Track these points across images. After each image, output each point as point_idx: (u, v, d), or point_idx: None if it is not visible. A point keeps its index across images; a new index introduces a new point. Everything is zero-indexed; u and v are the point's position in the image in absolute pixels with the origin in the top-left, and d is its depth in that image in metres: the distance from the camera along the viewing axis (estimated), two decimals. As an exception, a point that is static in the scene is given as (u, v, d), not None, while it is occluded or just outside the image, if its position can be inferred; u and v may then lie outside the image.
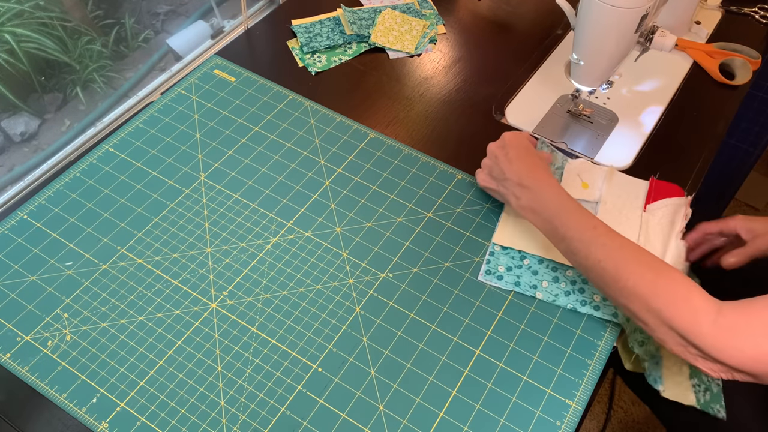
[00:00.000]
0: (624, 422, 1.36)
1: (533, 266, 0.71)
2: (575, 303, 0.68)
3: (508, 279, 0.70)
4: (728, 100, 0.91)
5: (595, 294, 0.69)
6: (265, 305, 0.70)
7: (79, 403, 0.63)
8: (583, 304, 0.68)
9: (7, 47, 0.78)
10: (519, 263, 0.71)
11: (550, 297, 0.69)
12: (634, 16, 0.69)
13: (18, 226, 0.76)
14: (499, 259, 0.72)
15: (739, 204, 1.72)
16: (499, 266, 0.71)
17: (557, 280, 0.70)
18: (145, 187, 0.80)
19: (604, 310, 0.68)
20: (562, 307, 0.69)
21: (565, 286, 0.69)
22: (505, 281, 0.70)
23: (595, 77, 0.78)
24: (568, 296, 0.69)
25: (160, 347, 0.67)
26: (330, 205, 0.78)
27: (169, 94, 0.90)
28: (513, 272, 0.71)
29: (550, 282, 0.70)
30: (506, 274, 0.71)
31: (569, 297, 0.69)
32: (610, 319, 0.67)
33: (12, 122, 0.84)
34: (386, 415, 0.62)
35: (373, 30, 0.98)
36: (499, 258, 0.72)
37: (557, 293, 0.69)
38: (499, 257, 0.72)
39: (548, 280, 0.70)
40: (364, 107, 0.90)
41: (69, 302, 0.70)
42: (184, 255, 0.74)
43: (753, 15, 1.02)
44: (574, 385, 0.64)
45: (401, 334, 0.68)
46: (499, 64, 0.96)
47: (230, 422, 0.62)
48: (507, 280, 0.70)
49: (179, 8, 1.02)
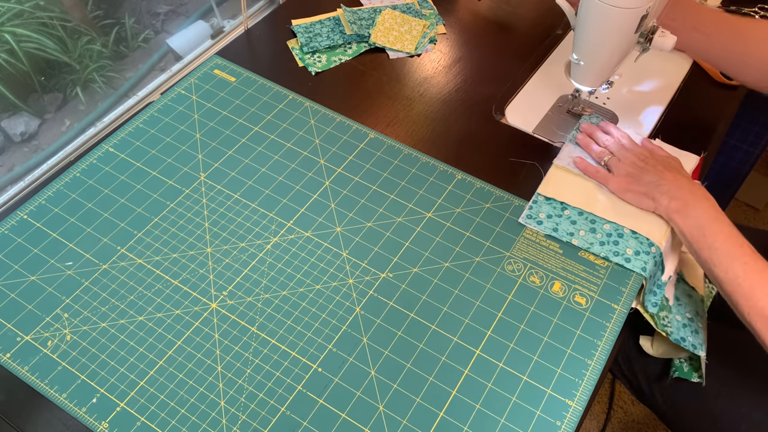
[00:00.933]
0: (624, 422, 1.36)
1: (573, 217, 0.75)
2: (608, 252, 0.72)
3: (547, 224, 0.75)
4: (728, 100, 0.91)
5: (628, 248, 0.72)
6: (265, 305, 0.70)
7: (79, 403, 0.63)
8: (615, 255, 0.72)
9: (7, 47, 0.78)
10: (560, 213, 0.76)
11: (585, 244, 0.73)
12: (634, 16, 0.69)
13: (18, 226, 0.76)
14: (541, 207, 0.77)
15: (739, 204, 1.71)
16: (540, 213, 0.76)
17: (594, 231, 0.74)
18: (145, 187, 0.80)
19: (634, 262, 0.71)
20: (596, 255, 0.73)
21: (601, 237, 0.73)
22: (544, 226, 0.75)
23: (595, 77, 0.78)
24: (602, 246, 0.73)
25: (160, 347, 0.67)
26: (330, 205, 0.78)
27: (169, 94, 0.90)
28: (552, 219, 0.75)
29: (587, 232, 0.74)
30: (546, 220, 0.75)
31: (603, 247, 0.73)
32: (639, 272, 0.71)
33: (12, 122, 0.84)
34: (386, 415, 0.62)
35: (373, 30, 0.98)
36: (541, 206, 0.77)
37: (592, 242, 0.73)
38: (542, 206, 0.77)
39: (585, 230, 0.74)
40: (364, 107, 0.90)
41: (69, 302, 0.70)
42: (184, 255, 0.74)
43: (753, 15, 1.02)
44: (574, 385, 0.64)
45: (401, 334, 0.68)
46: (499, 64, 0.96)
47: (230, 422, 0.62)
48: (546, 225, 0.75)
49: (179, 8, 1.02)
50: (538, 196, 0.77)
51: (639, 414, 1.36)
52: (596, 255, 0.73)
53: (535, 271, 0.72)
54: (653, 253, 0.71)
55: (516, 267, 0.73)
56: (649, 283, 0.71)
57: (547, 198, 0.77)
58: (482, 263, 0.73)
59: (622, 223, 0.73)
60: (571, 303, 0.70)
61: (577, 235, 0.74)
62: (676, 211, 0.69)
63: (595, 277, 0.72)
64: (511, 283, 0.71)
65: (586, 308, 0.69)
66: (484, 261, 0.73)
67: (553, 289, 0.71)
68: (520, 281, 0.72)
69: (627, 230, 0.73)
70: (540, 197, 0.77)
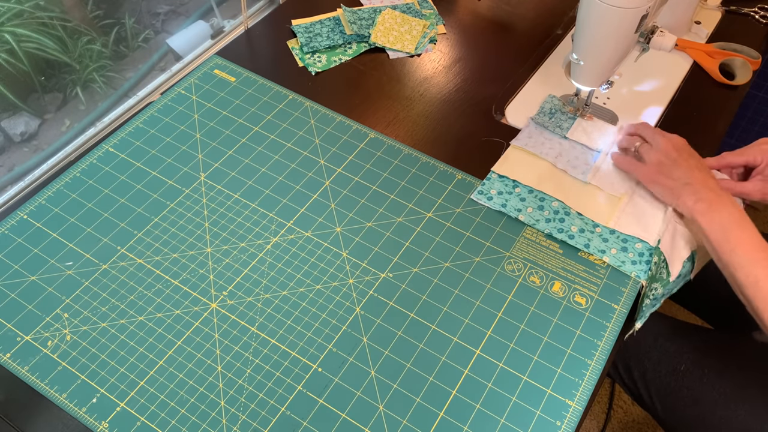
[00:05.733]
0: (624, 422, 1.36)
1: (523, 194, 0.78)
2: (552, 229, 0.75)
3: (497, 200, 0.78)
4: (728, 100, 0.91)
5: (572, 225, 0.75)
6: (265, 305, 0.70)
7: (79, 403, 0.63)
8: (559, 232, 0.74)
9: (7, 47, 0.78)
10: (510, 190, 0.78)
11: (531, 221, 0.76)
12: (634, 16, 0.69)
13: (18, 226, 0.76)
14: (493, 184, 0.79)
15: (739, 204, 1.71)
16: (491, 189, 0.79)
17: (542, 208, 0.77)
18: (145, 187, 0.80)
19: (578, 239, 0.74)
20: (540, 231, 0.75)
21: (548, 214, 0.76)
22: (494, 202, 0.77)
23: (595, 77, 0.78)
24: (548, 223, 0.75)
25: (160, 347, 0.67)
26: (330, 205, 0.78)
27: (169, 94, 0.90)
28: (503, 196, 0.78)
29: (534, 209, 0.77)
30: (496, 196, 0.78)
31: (549, 224, 0.75)
32: (582, 248, 0.73)
33: (12, 122, 0.84)
34: (386, 415, 0.62)
35: (373, 30, 0.98)
36: (493, 183, 0.79)
37: (538, 219, 0.76)
38: (494, 182, 0.79)
39: (533, 207, 0.77)
40: (364, 107, 0.90)
41: (69, 302, 0.70)
42: (184, 255, 0.74)
43: (753, 15, 1.02)
44: (574, 385, 0.64)
45: (401, 334, 0.68)
46: (499, 64, 0.96)
47: (230, 422, 0.62)
48: (496, 201, 0.78)
49: (179, 8, 1.02)
50: (492, 174, 0.80)
51: (639, 414, 1.36)
52: (540, 231, 0.75)
53: (535, 271, 0.72)
54: (598, 233, 0.74)
55: (516, 267, 0.73)
56: (649, 289, 0.70)
57: (500, 176, 0.80)
58: (482, 263, 0.73)
59: (570, 204, 0.76)
60: (571, 303, 0.70)
61: (524, 212, 0.76)
62: (702, 212, 0.68)
63: (595, 277, 0.72)
64: (511, 283, 0.71)
65: (586, 308, 0.69)
66: (484, 261, 0.73)
67: (553, 289, 0.71)
68: (520, 281, 0.72)
69: (573, 211, 0.76)
70: (494, 175, 0.80)
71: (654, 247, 0.72)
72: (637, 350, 0.85)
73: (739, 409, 0.76)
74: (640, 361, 0.84)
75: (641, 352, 0.85)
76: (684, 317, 0.97)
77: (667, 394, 0.81)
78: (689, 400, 0.79)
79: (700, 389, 0.79)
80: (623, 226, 0.74)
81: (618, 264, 0.72)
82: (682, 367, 0.81)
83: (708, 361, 0.80)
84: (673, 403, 0.81)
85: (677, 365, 0.81)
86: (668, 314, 0.90)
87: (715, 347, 0.82)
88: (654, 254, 0.71)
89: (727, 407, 0.76)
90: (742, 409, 0.76)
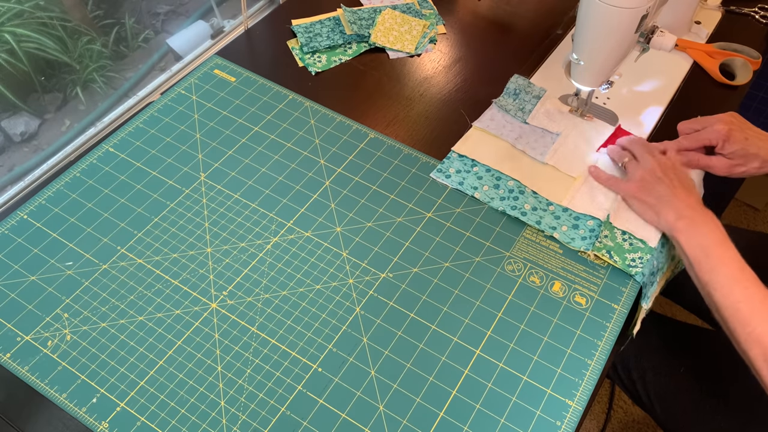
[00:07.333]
0: (624, 422, 1.36)
1: (480, 173, 0.80)
2: (506, 207, 0.77)
3: (454, 179, 0.80)
4: (728, 100, 0.91)
5: (526, 203, 0.77)
6: (265, 305, 0.70)
7: (79, 403, 0.63)
8: (513, 209, 0.77)
9: (7, 47, 0.78)
10: (468, 169, 0.81)
11: (486, 198, 0.78)
12: (634, 16, 0.69)
13: (18, 226, 0.76)
14: (453, 163, 0.81)
15: (739, 204, 1.71)
16: (450, 168, 0.81)
17: (497, 187, 0.79)
18: (145, 187, 0.80)
19: (530, 216, 0.76)
20: (495, 209, 0.77)
21: (503, 192, 0.78)
22: (452, 180, 0.80)
23: (595, 77, 0.78)
24: (502, 201, 0.77)
25: (160, 347, 0.67)
26: (330, 205, 0.78)
27: (169, 94, 0.90)
28: (461, 174, 0.80)
29: (490, 187, 0.79)
30: (454, 174, 0.80)
31: (503, 201, 0.77)
32: (533, 225, 0.75)
33: (12, 122, 0.84)
34: (386, 415, 0.62)
35: (373, 30, 0.98)
36: (453, 162, 0.82)
37: (493, 197, 0.78)
38: (453, 162, 0.82)
39: (489, 185, 0.79)
40: (364, 107, 0.90)
41: (69, 302, 0.70)
42: (184, 255, 0.74)
43: (753, 15, 1.02)
44: (574, 385, 0.64)
45: (401, 334, 0.68)
46: (499, 64, 0.96)
47: (230, 422, 0.62)
48: (453, 179, 0.80)
49: (179, 8, 1.02)
50: (452, 153, 0.82)
51: (639, 414, 1.36)
52: (495, 209, 0.77)
53: (535, 271, 0.72)
54: (551, 211, 0.76)
55: (516, 267, 0.73)
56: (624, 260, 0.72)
57: (460, 155, 0.82)
58: (482, 263, 0.73)
59: (526, 183, 0.78)
60: (571, 303, 0.70)
61: (480, 190, 0.78)
62: (682, 230, 0.67)
63: (595, 277, 0.72)
64: (511, 283, 0.71)
65: (586, 308, 0.69)
66: (484, 261, 0.73)
67: (553, 289, 0.71)
68: (520, 281, 0.72)
69: (529, 189, 0.78)
70: (454, 154, 0.82)
71: (604, 221, 0.74)
72: (637, 352, 0.85)
73: (737, 415, 0.76)
74: (640, 363, 0.84)
75: (641, 354, 0.85)
76: (684, 317, 0.97)
77: (666, 397, 0.81)
78: (688, 404, 0.79)
79: (699, 392, 0.79)
80: (577, 205, 0.76)
81: (567, 240, 0.74)
82: (682, 369, 0.81)
83: (707, 364, 0.80)
84: (672, 406, 0.81)
85: (677, 367, 0.81)
86: (668, 315, 0.90)
87: (715, 349, 0.82)
88: (604, 227, 0.73)
89: (726, 411, 0.76)
90: (742, 413, 0.76)
